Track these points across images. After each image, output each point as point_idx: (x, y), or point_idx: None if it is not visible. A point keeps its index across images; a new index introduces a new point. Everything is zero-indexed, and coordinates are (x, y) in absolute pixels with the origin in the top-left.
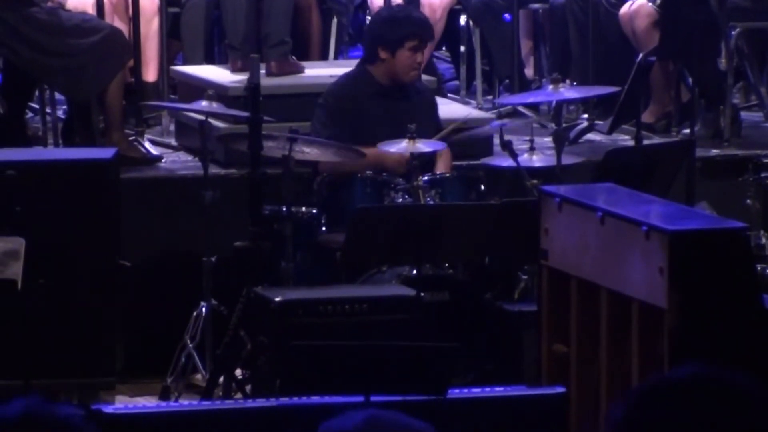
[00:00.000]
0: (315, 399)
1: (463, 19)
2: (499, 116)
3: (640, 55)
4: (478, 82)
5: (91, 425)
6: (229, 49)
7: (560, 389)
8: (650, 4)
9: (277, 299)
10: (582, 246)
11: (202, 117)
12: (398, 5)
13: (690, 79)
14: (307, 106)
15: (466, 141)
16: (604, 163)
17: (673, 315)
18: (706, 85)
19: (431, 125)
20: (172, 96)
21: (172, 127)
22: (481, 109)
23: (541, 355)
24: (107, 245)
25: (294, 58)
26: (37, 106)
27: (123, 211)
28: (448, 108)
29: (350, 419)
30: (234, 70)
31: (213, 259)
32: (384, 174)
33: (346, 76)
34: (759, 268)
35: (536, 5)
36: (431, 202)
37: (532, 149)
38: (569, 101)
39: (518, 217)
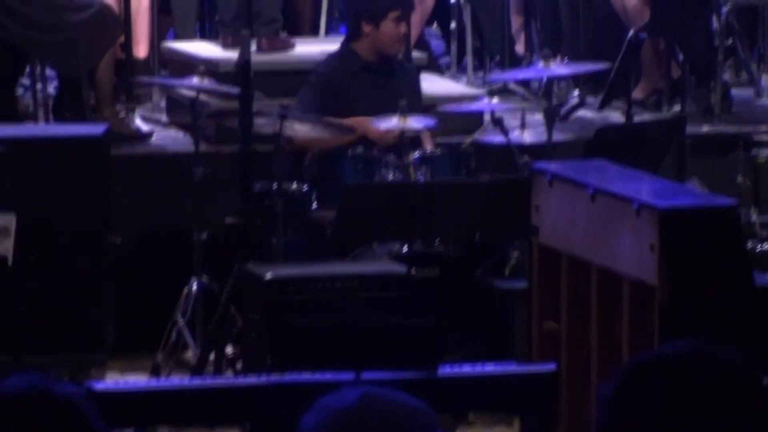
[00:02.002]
0: (306, 376)
1: None
2: (490, 93)
3: (631, 32)
4: (469, 59)
5: (91, 404)
6: (219, 26)
7: (551, 366)
8: None
9: (267, 276)
10: (572, 223)
11: (193, 93)
12: None
13: (680, 56)
14: (298, 83)
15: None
16: (595, 140)
17: (663, 292)
18: (697, 61)
19: (417, 101)
20: (162, 72)
21: (162, 104)
22: (471, 85)
23: (532, 332)
24: (98, 221)
25: (285, 34)
26: (27, 82)
27: (113, 188)
28: (439, 84)
29: (345, 396)
30: (225, 47)
31: (204, 235)
32: (375, 150)
33: (331, 55)
34: (749, 244)
35: None
36: (422, 179)
37: (522, 126)
38: (560, 78)
39: (509, 193)
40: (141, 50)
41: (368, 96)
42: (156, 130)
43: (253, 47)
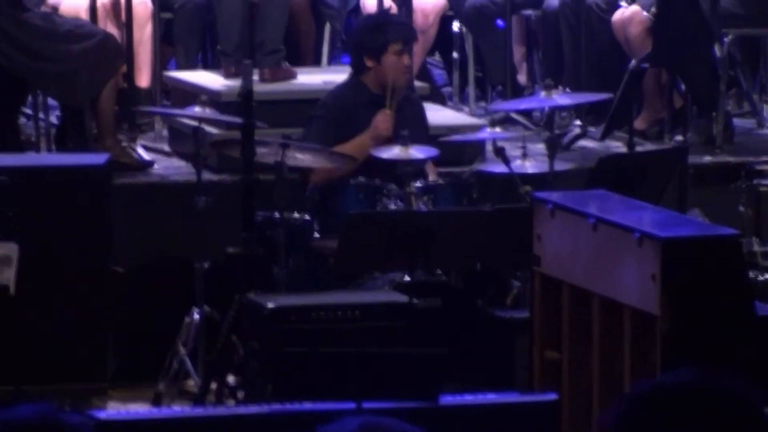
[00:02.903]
0: (307, 405)
1: (456, 25)
2: (492, 123)
3: (633, 62)
4: (471, 89)
5: None
6: (222, 56)
7: (552, 396)
8: (644, 13)
9: (269, 305)
10: (574, 252)
11: (195, 123)
12: (376, 12)
13: (683, 86)
14: (300, 112)
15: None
16: (597, 170)
17: (665, 321)
18: (699, 92)
19: (422, 131)
20: (165, 101)
21: (165, 133)
22: (473, 115)
23: (533, 361)
24: (100, 251)
25: (287, 64)
26: (30, 112)
27: (115, 217)
28: (442, 114)
29: (346, 425)
30: (227, 76)
31: (206, 264)
32: (377, 180)
33: (339, 86)
34: (751, 274)
35: (529, 11)
36: (424, 209)
37: (524, 156)
38: (562, 108)
39: (511, 223)
40: (143, 80)
41: (366, 128)
42: (158, 159)
43: (256, 77)
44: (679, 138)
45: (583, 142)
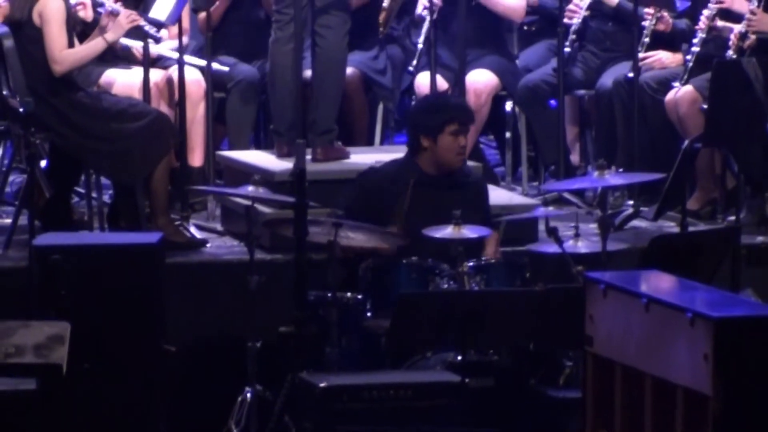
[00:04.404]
0: None
1: (509, 105)
2: (545, 202)
3: (686, 142)
4: (524, 168)
5: None
6: (275, 135)
7: None
8: (696, 90)
9: (321, 384)
10: (627, 332)
11: (248, 202)
12: (435, 93)
13: (735, 166)
14: None
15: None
16: (649, 250)
17: (717, 402)
18: (752, 171)
19: (479, 212)
20: (218, 181)
21: (218, 212)
22: (526, 195)
23: None
24: (152, 330)
25: (340, 143)
26: (83, 191)
27: (168, 296)
28: (495, 194)
29: None
30: (280, 156)
31: (258, 344)
32: (429, 260)
33: (391, 161)
34: None
35: (582, 92)
36: (476, 288)
37: (577, 236)
38: (614, 187)
39: (563, 303)
40: (196, 159)
41: (422, 209)
42: (211, 238)
43: (308, 157)
44: (732, 218)
45: (636, 222)
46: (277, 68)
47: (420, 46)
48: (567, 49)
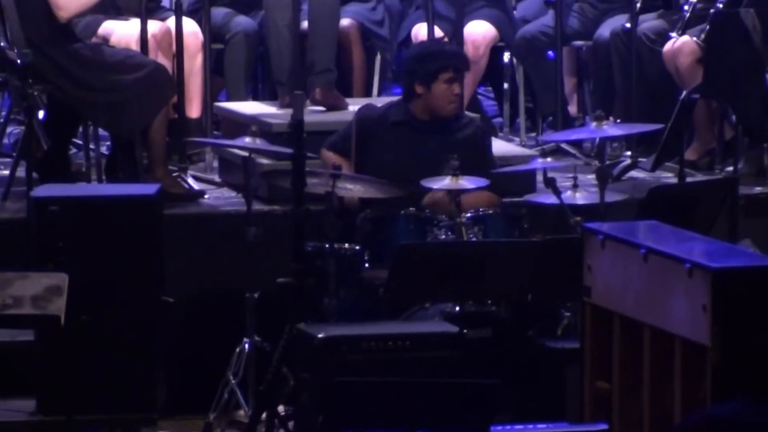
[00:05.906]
0: None
1: (506, 56)
2: (543, 153)
3: (684, 93)
4: (522, 120)
5: None
6: (277, 85)
7: (603, 426)
8: (694, 39)
9: (319, 336)
10: (625, 283)
11: (245, 153)
12: (431, 39)
13: (733, 117)
14: None
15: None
16: (648, 201)
17: (716, 352)
18: (750, 122)
19: (476, 160)
20: (215, 132)
21: (215, 164)
22: (524, 146)
23: (584, 391)
24: (150, 281)
25: (338, 92)
26: (80, 142)
27: (166, 247)
28: (492, 145)
29: None
30: (282, 106)
31: (256, 295)
32: (427, 210)
33: (386, 104)
34: None
35: (579, 42)
36: (474, 239)
37: (575, 186)
38: (612, 138)
39: (561, 254)
40: (194, 110)
41: (401, 150)
42: (209, 190)
43: (308, 102)
44: (730, 169)
45: (634, 173)
46: (274, 17)
47: None
48: None
